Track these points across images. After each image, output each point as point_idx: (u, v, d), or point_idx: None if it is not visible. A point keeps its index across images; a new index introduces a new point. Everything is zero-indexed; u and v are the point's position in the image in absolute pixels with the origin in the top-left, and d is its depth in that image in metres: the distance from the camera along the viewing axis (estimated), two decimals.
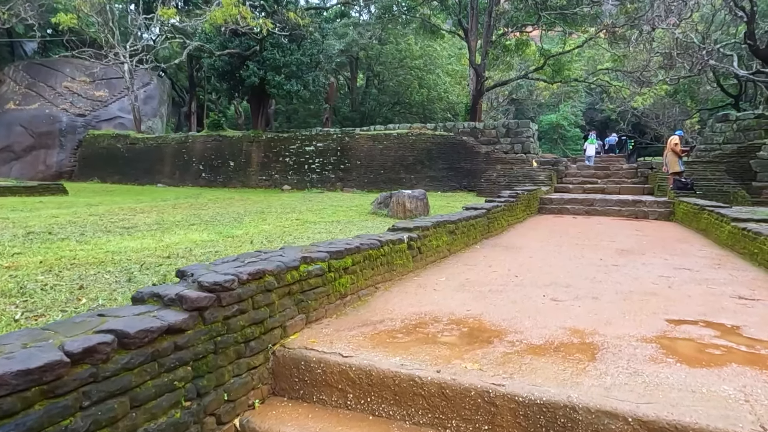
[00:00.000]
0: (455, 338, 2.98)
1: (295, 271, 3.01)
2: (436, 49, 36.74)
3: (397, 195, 9.30)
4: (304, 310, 3.09)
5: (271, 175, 21.08)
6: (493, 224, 8.24)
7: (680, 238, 8.49)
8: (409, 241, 4.89)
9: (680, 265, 5.81)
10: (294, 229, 7.77)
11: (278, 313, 2.83)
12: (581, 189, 16.73)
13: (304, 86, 20.39)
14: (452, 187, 18.60)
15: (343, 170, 20.15)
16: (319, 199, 12.21)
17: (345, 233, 7.27)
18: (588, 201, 12.92)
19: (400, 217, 9.27)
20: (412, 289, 4.28)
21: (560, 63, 29.58)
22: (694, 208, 9.74)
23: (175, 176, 22.71)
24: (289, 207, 10.42)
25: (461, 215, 6.81)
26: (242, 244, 6.32)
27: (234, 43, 19.66)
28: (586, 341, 2.97)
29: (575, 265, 5.66)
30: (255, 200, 12.04)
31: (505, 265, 5.55)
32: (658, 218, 11.94)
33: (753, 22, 16.68)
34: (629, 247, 7.30)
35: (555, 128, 48.48)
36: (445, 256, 5.85)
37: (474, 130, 19.99)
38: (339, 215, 9.38)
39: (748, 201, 14.36)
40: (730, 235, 7.10)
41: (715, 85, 30.60)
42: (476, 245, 7.01)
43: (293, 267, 3.00)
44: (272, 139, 21.14)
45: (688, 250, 7.12)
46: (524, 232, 9.00)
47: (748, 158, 15.68)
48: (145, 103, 27.23)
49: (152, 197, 13.60)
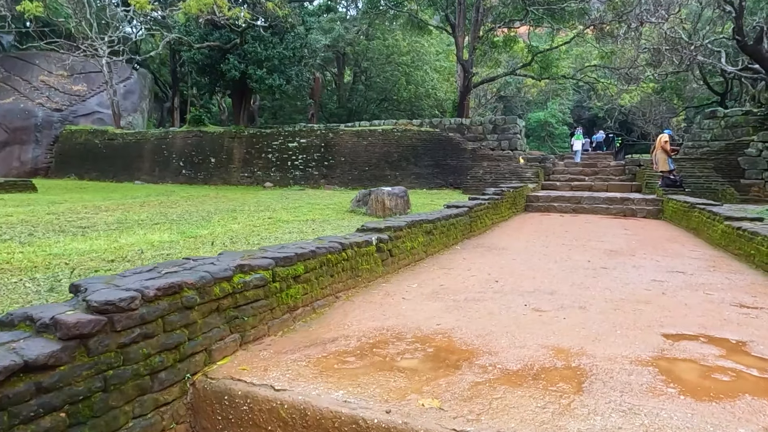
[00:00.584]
0: (417, 362, 2.49)
1: (226, 283, 2.50)
2: (424, 45, 36.24)
3: (376, 192, 8.81)
4: (238, 329, 2.58)
5: (254, 172, 20.46)
6: (476, 223, 7.78)
7: (670, 237, 8.10)
8: (378, 244, 4.40)
9: (673, 268, 5.39)
10: (264, 228, 7.24)
11: (201, 335, 2.33)
12: (568, 186, 16.36)
13: (287, 81, 19.77)
14: (438, 184, 18.14)
15: (327, 167, 19.59)
16: (297, 196, 11.68)
17: (317, 233, 6.76)
18: (575, 199, 12.53)
19: (379, 215, 8.78)
20: (378, 298, 3.79)
21: (548, 60, 29.24)
22: (684, 206, 9.37)
23: (155, 173, 21.98)
24: (264, 205, 9.88)
25: (440, 214, 6.33)
26: (203, 245, 5.79)
27: (214, 36, 18.99)
28: (571, 364, 2.50)
29: (561, 269, 5.21)
30: (231, 198, 11.47)
31: (486, 269, 5.08)
32: (646, 216, 11.59)
33: (741, 17, 16.37)
34: (618, 247, 6.88)
35: (543, 126, 48.30)
36: (421, 258, 5.37)
37: (460, 127, 19.53)
38: (315, 214, 8.87)
39: (736, 198, 14.08)
40: (723, 234, 6.71)
41: (701, 82, 30.49)
42: (456, 246, 6.54)
43: (224, 278, 2.49)
44: (254, 135, 20.51)
45: (680, 250, 6.71)
46: (509, 231, 8.56)
47: (736, 155, 15.41)
48: (125, 98, 26.40)
49: (124, 194, 12.96)
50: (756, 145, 15.12)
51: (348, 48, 33.18)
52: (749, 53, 16.97)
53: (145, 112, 27.91)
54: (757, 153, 14.99)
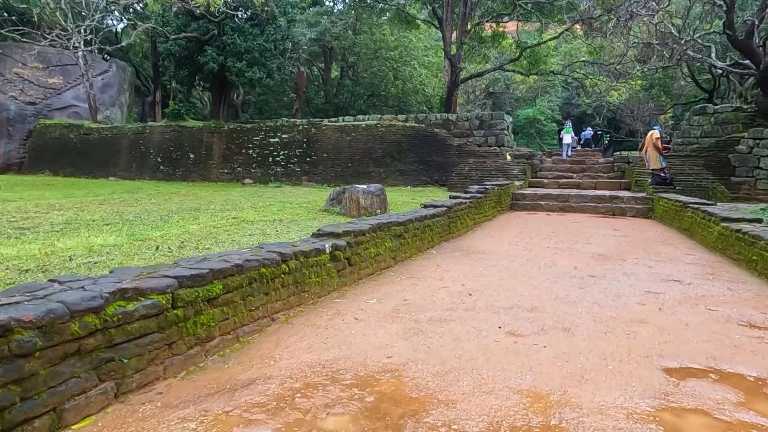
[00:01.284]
0: (348, 421, 1.88)
1: (92, 316, 1.86)
2: (412, 40, 35.59)
3: (351, 190, 8.17)
4: (113, 376, 1.94)
5: (234, 168, 19.71)
6: (456, 224, 7.17)
7: (662, 239, 7.56)
8: (333, 251, 3.77)
9: (668, 275, 4.83)
10: (224, 230, 6.58)
11: (46, 391, 1.69)
12: (556, 184, 15.83)
13: (268, 74, 19.00)
14: (423, 181, 17.54)
15: (309, 163, 18.90)
16: (271, 194, 11.02)
17: (281, 235, 6.12)
18: (563, 197, 11.99)
19: (353, 215, 8.15)
20: (325, 319, 3.16)
21: (537, 55, 28.74)
22: (675, 205, 8.84)
23: (132, 169, 21.13)
24: (233, 203, 9.20)
25: (413, 215, 5.71)
26: (145, 250, 5.12)
27: (192, 27, 18.17)
28: (550, 421, 1.90)
29: (545, 277, 4.62)
30: (200, 195, 10.77)
31: (460, 278, 4.47)
32: (636, 215, 11.08)
33: (732, 11, 15.92)
34: (607, 250, 6.32)
35: (532, 122, 47.92)
36: (388, 266, 4.75)
37: (447, 122, 18.94)
38: (285, 213, 8.22)
39: (726, 196, 13.64)
40: (720, 237, 6.17)
41: (689, 79, 30.19)
42: (432, 250, 5.93)
43: (89, 309, 1.85)
44: (235, 130, 19.74)
45: (674, 254, 6.17)
46: (492, 231, 7.97)
47: (726, 152, 14.98)
48: (103, 92, 25.43)
49: (89, 192, 12.19)
50: (746, 142, 14.69)
51: (335, 42, 32.42)
52: (739, 48, 16.53)
53: (124, 106, 26.97)
54: (747, 150, 14.57)
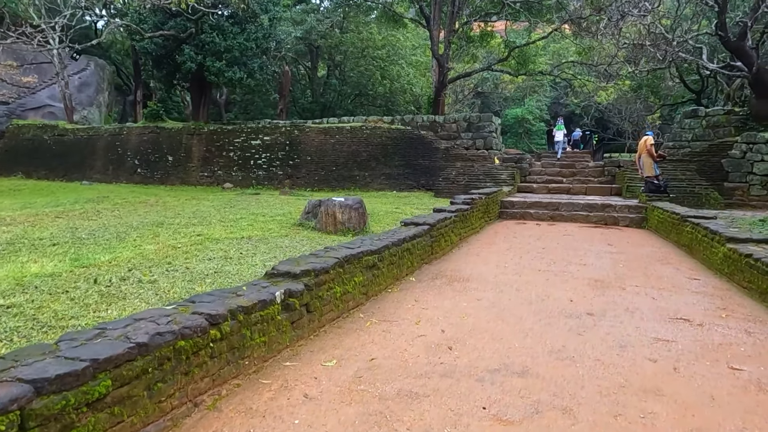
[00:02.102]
0: None
1: None
2: (400, 39, 34.90)
3: (327, 204, 7.51)
4: None
5: (214, 171, 18.92)
6: (439, 242, 6.55)
7: (661, 256, 7.01)
8: (286, 299, 3.12)
9: (675, 312, 4.24)
10: (183, 252, 5.89)
11: None
12: (546, 189, 15.30)
13: (248, 74, 18.21)
14: (409, 185, 16.91)
15: (292, 166, 18.17)
16: (245, 204, 10.31)
17: (243, 260, 5.46)
18: (553, 205, 11.43)
19: (329, 230, 7.49)
20: (265, 399, 2.50)
21: (525, 55, 28.23)
22: (672, 217, 8.30)
23: (108, 172, 20.24)
24: (201, 216, 8.49)
25: (390, 238, 5.08)
26: (82, 284, 4.41)
27: (169, 24, 17.33)
28: None
29: (537, 317, 4.00)
30: (170, 205, 10.02)
31: (440, 321, 3.84)
32: (629, 225, 10.55)
33: (725, 12, 15.46)
34: (604, 274, 5.73)
35: (520, 122, 47.55)
36: (358, 304, 4.10)
37: (434, 124, 18.31)
38: (255, 229, 7.54)
39: (720, 203, 13.19)
40: (726, 260, 5.61)
41: (677, 80, 29.91)
42: (411, 277, 5.29)
43: None
44: (215, 131, 18.94)
45: (677, 278, 5.59)
46: (478, 248, 7.35)
47: (719, 157, 14.53)
48: (80, 91, 24.44)
49: (53, 199, 11.37)
50: (740, 147, 14.26)
51: (321, 41, 31.63)
52: (732, 50, 16.09)
53: (102, 106, 25.99)
54: (740, 155, 14.13)
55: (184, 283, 4.43)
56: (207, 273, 4.83)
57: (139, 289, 4.21)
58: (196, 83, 19.35)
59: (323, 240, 6.94)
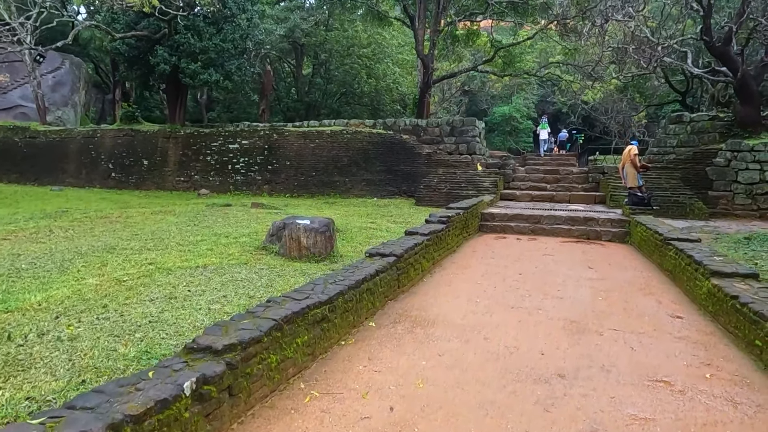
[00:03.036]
0: None
1: None
2: (386, 37, 34.29)
3: (291, 227, 6.99)
4: None
5: (191, 176, 18.28)
6: (408, 273, 6.08)
7: (643, 283, 6.60)
8: (200, 388, 2.62)
9: (655, 371, 3.81)
10: (126, 288, 5.35)
11: None
12: (529, 197, 14.91)
13: (225, 76, 17.55)
14: (390, 192, 16.44)
15: (271, 171, 17.59)
16: (211, 221, 9.75)
17: (189, 300, 4.95)
18: (534, 218, 11.02)
19: (293, 256, 6.98)
20: None
21: (511, 55, 27.80)
22: (656, 237, 7.91)
23: (82, 176, 19.50)
24: (160, 237, 7.94)
25: (348, 281, 4.59)
26: None
27: (141, 24, 16.60)
28: None
29: (503, 384, 3.54)
30: (131, 222, 9.42)
31: (391, 393, 3.37)
32: (612, 239, 10.17)
33: (710, 16, 15.11)
34: (582, 312, 5.30)
35: (507, 120, 47.24)
36: (300, 370, 3.61)
37: (416, 128, 17.83)
38: (214, 254, 7.01)
39: (705, 213, 12.88)
40: (711, 297, 5.21)
41: (663, 80, 29.70)
42: (371, 321, 4.81)
43: None
44: (192, 135, 18.28)
45: (659, 317, 5.18)
46: (451, 275, 6.90)
47: (704, 165, 14.24)
48: (54, 90, 23.56)
49: (11, 211, 10.71)
50: (724, 155, 13.97)
51: (305, 39, 30.92)
52: (716, 55, 15.78)
53: (78, 106, 25.11)
54: (725, 163, 13.84)
55: (108, 341, 3.91)
56: (141, 323, 4.31)
57: (53, 352, 3.69)
58: (172, 85, 18.65)
59: (285, 268, 6.44)
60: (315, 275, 6.14)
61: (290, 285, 5.65)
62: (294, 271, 6.31)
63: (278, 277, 6.00)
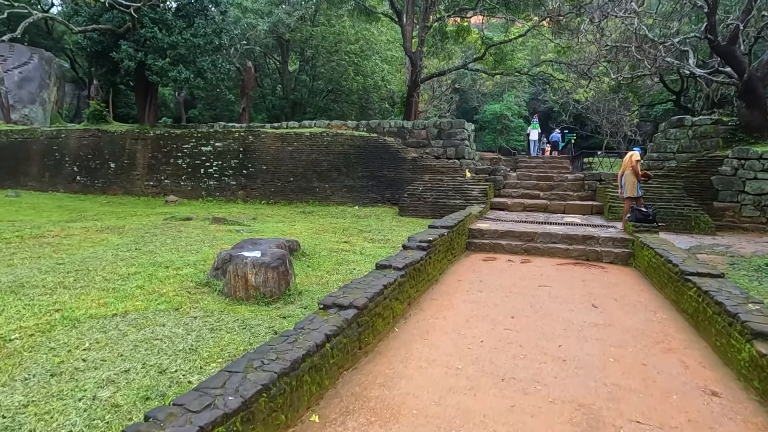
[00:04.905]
0: None
1: None
2: (374, 34, 32.89)
3: (236, 261, 5.71)
4: None
5: (161, 181, 16.87)
6: (373, 327, 4.83)
7: (660, 334, 5.39)
8: None
9: None
10: (5, 355, 4.06)
11: None
12: (521, 206, 13.71)
13: (197, 74, 16.13)
14: (373, 199, 15.16)
15: (246, 176, 16.24)
16: (162, 239, 8.44)
17: (64, 392, 3.67)
18: (527, 235, 9.80)
19: (239, 296, 5.70)
20: None
21: (503, 53, 26.56)
22: (668, 268, 6.72)
23: (45, 179, 18.03)
24: (87, 268, 6.63)
25: (283, 362, 3.33)
26: None
27: (105, 17, 15.14)
28: None
29: None
30: (65, 246, 8.05)
31: None
32: (614, 261, 8.99)
33: (715, 13, 13.93)
34: (591, 386, 4.08)
35: (498, 118, 46.10)
36: None
37: (402, 130, 16.54)
38: (144, 293, 5.73)
39: (711, 227, 11.74)
40: (755, 367, 4.01)
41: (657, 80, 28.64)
42: (313, 414, 3.54)
43: None
44: (162, 136, 16.85)
45: (691, 397, 3.97)
46: (428, 322, 5.65)
47: (708, 173, 13.10)
48: (21, 87, 21.97)
49: None
50: (731, 163, 12.83)
51: (290, 34, 29.44)
52: (721, 55, 14.62)
53: (48, 103, 23.52)
54: (732, 172, 12.70)
55: None
56: None
57: None
58: (140, 82, 17.19)
59: (224, 316, 5.16)
60: (259, 328, 4.89)
61: (221, 346, 4.39)
62: (234, 321, 5.03)
63: (211, 332, 4.73)
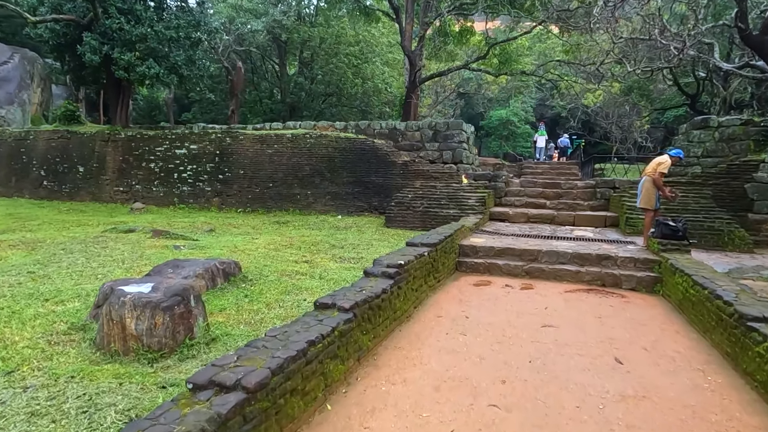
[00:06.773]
0: None
1: None
2: (375, 35, 31.35)
3: (112, 301, 4.02)
4: None
5: (131, 186, 15.31)
6: (280, 415, 3.07)
7: (719, 413, 3.59)
8: None
9: None
10: None
11: None
12: (524, 217, 11.90)
13: (170, 69, 14.60)
14: (359, 208, 13.44)
15: (222, 182, 14.62)
16: (72, 259, 6.82)
17: None
18: (530, 253, 8.00)
19: (115, 350, 3.97)
20: None
21: (507, 53, 24.81)
22: (719, 307, 4.89)
23: (11, 183, 16.56)
24: None
25: None
26: None
27: (67, 7, 13.69)
28: None
29: None
30: None
31: None
32: (636, 288, 7.16)
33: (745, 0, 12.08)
34: None
35: (505, 124, 44.32)
36: None
37: (393, 132, 14.83)
38: (8, 343, 4.07)
39: (748, 243, 9.83)
40: None
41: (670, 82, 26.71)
42: None
43: None
44: (133, 138, 15.31)
45: None
46: (376, 396, 3.86)
47: (741, 180, 11.20)
48: None
49: None
50: (767, 168, 10.93)
51: (287, 35, 27.95)
52: (752, 46, 12.75)
53: (27, 104, 22.14)
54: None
55: None
56: None
57: None
58: (112, 79, 15.66)
59: (76, 383, 3.43)
60: (108, 410, 3.14)
61: None
62: (79, 397, 3.28)
63: (26, 421, 3.00)
